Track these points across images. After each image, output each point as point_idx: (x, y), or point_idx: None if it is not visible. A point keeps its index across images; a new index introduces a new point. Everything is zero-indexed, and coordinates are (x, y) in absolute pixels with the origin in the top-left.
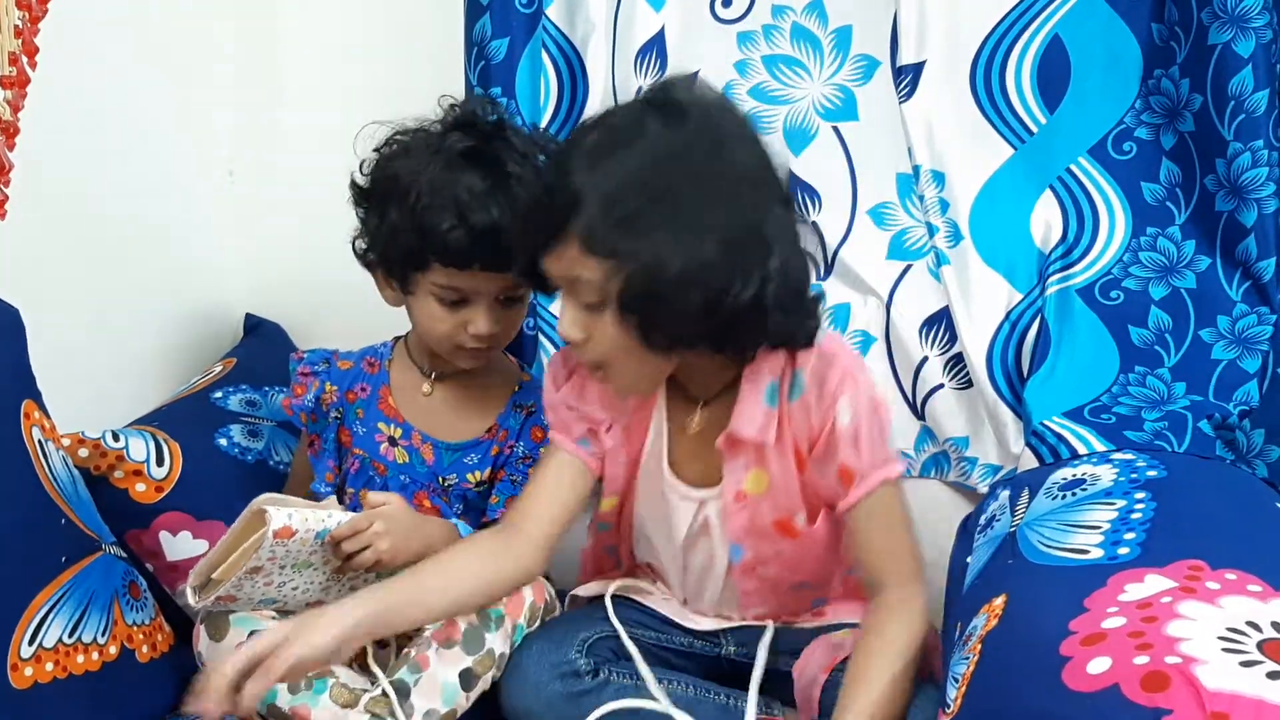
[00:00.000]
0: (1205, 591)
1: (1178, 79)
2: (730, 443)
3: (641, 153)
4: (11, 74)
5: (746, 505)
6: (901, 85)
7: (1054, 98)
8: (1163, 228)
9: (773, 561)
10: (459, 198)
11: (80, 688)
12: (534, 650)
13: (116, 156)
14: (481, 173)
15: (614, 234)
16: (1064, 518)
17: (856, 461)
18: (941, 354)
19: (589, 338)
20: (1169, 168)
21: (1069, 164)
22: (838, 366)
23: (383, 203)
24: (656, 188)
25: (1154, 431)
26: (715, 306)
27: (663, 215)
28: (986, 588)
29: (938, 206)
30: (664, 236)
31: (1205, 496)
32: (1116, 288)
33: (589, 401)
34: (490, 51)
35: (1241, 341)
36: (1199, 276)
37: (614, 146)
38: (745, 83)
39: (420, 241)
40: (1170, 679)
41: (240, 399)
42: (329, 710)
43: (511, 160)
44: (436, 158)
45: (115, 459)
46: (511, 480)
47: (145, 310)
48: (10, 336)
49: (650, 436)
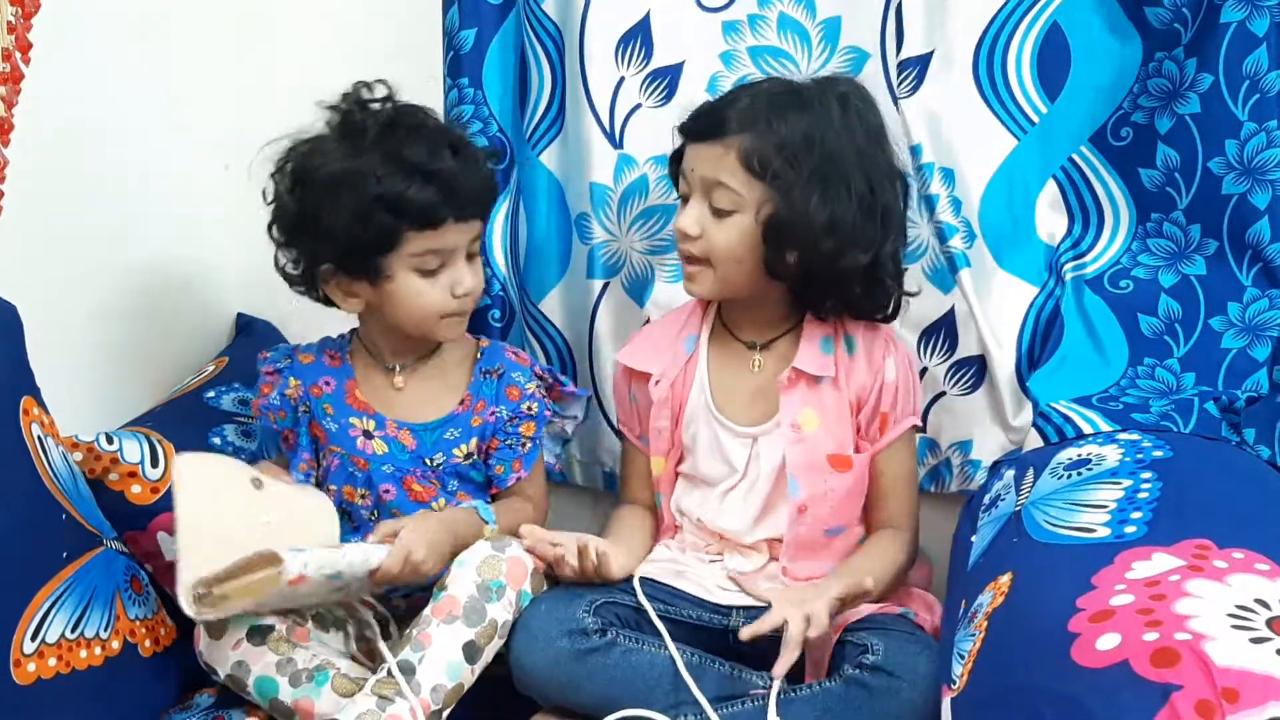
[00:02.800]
0: (1213, 570)
1: (1182, 60)
2: (792, 378)
3: (819, 118)
4: (5, 70)
5: (802, 439)
6: (904, 80)
7: (1054, 86)
8: (1166, 213)
9: (822, 501)
10: (409, 160)
11: (84, 683)
12: (542, 609)
13: (111, 153)
14: (412, 135)
15: (777, 161)
16: (1070, 497)
17: (894, 410)
18: (943, 361)
19: (702, 235)
20: (1165, 152)
21: (1071, 153)
22: (882, 333)
23: (330, 202)
24: (824, 148)
25: (1160, 413)
26: (835, 257)
27: (822, 169)
28: (992, 566)
29: (950, 206)
30: (818, 185)
31: (1211, 477)
32: (1126, 276)
33: (653, 356)
34: (459, 41)
35: (1252, 329)
36: (1208, 261)
37: (799, 105)
38: (730, 75)
39: (390, 215)
40: (1180, 655)
41: (233, 398)
42: (332, 701)
43: (423, 118)
44: (361, 139)
45: (110, 462)
46: (508, 445)
47: (138, 310)
48: (8, 333)
49: (694, 387)
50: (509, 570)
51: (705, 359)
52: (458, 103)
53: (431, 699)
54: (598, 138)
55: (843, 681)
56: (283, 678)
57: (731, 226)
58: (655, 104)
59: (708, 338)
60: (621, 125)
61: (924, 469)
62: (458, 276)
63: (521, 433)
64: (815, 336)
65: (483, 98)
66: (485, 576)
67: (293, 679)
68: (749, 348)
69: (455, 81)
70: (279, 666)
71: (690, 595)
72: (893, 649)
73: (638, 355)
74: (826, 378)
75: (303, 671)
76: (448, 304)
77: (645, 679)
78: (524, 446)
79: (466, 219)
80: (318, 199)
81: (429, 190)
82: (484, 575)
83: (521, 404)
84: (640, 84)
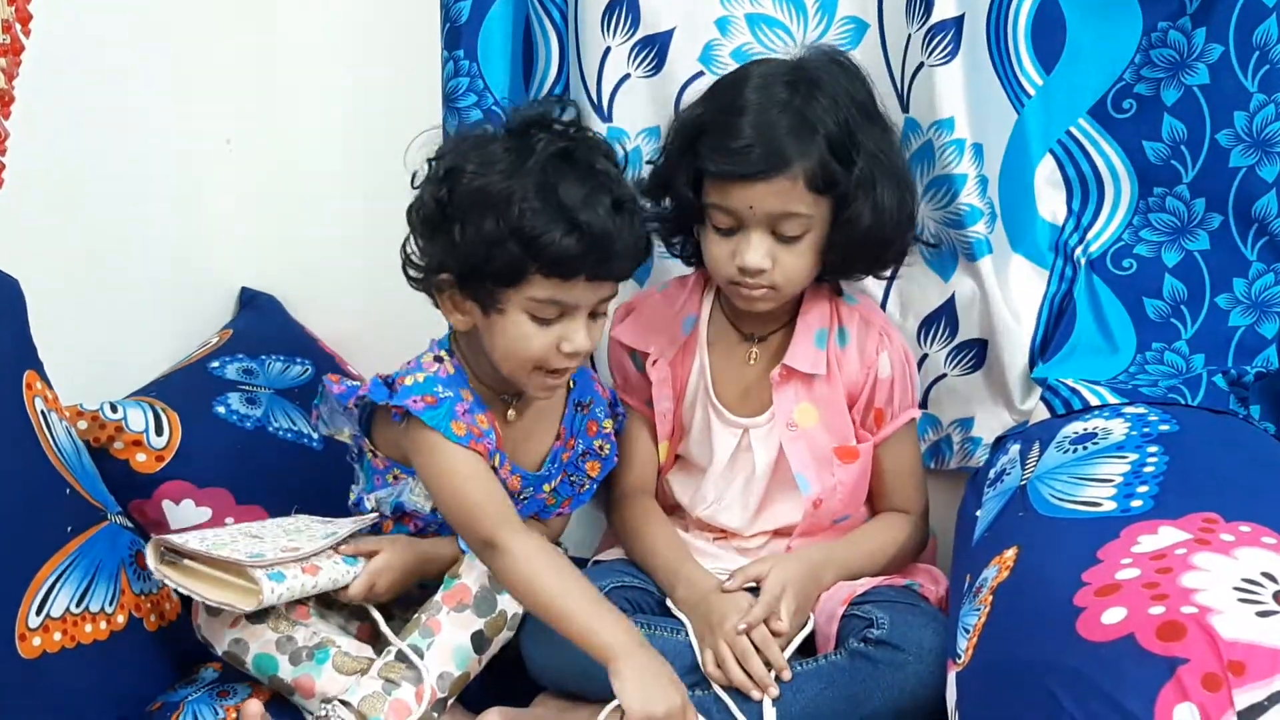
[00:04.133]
0: (1220, 543)
1: (1190, 30)
2: (783, 375)
3: (838, 96)
4: (5, 41)
5: (800, 436)
6: (937, 46)
7: (1049, 56)
8: (1170, 187)
9: (833, 494)
10: (565, 203)
11: (89, 657)
12: None
13: (114, 127)
14: (579, 175)
15: (837, 170)
16: (1075, 471)
17: (890, 405)
18: (944, 347)
19: (774, 266)
20: (1171, 124)
21: (1069, 126)
22: (876, 325)
23: (473, 218)
24: (853, 128)
25: (1168, 386)
26: (897, 238)
27: (870, 159)
28: (997, 540)
29: (977, 187)
30: (869, 174)
31: (1218, 450)
32: (1129, 255)
33: (649, 336)
34: (455, 13)
35: (1258, 305)
36: (1211, 236)
37: (813, 87)
38: (728, 43)
39: (525, 253)
40: (1186, 628)
41: (237, 367)
42: (334, 679)
43: (598, 159)
44: (525, 160)
45: (114, 430)
46: (570, 481)
47: (143, 283)
48: (11, 307)
49: (694, 371)
50: None
51: (704, 342)
52: (453, 75)
53: (437, 686)
54: (587, 111)
55: (847, 654)
56: (282, 655)
57: (805, 250)
58: (645, 73)
59: (707, 320)
60: (610, 97)
61: (925, 444)
62: (569, 332)
63: (587, 471)
64: (810, 331)
65: (478, 70)
66: None
67: (293, 657)
68: (746, 339)
69: (451, 54)
70: (278, 644)
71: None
72: (897, 622)
73: (634, 333)
74: (819, 374)
75: (303, 649)
76: (549, 357)
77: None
78: (583, 488)
79: (601, 279)
80: (458, 208)
81: (570, 239)
82: None
83: (594, 441)
84: (628, 53)
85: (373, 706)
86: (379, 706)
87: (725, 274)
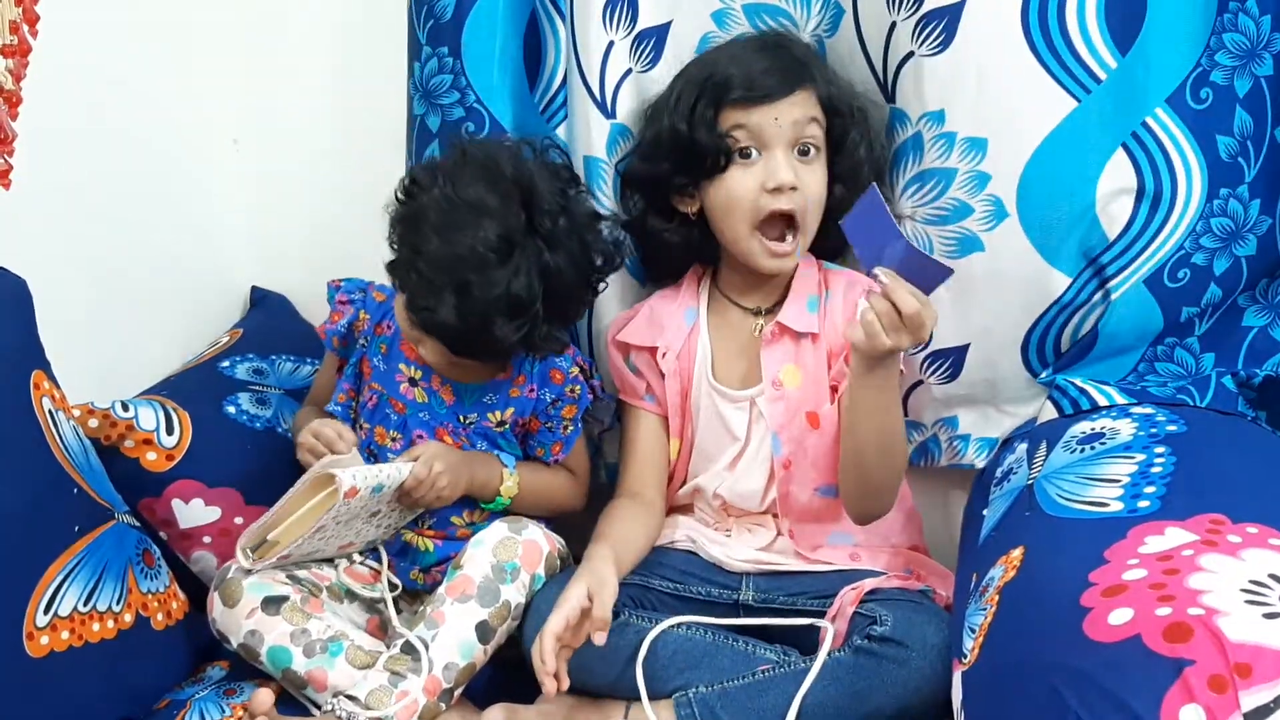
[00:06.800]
0: (1227, 545)
1: (1257, 15)
2: (775, 333)
3: (818, 57)
4: (13, 42)
5: (783, 396)
6: (932, 35)
7: (1126, 36)
8: (1233, 188)
9: (801, 458)
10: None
11: (96, 655)
12: (553, 594)
13: (120, 127)
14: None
15: (838, 100)
16: (1083, 471)
17: None
18: (916, 352)
19: (799, 186)
20: (1242, 117)
21: (1145, 116)
22: (861, 282)
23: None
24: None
25: (1176, 387)
26: (879, 177)
27: (855, 108)
28: (1003, 539)
29: (973, 182)
30: (865, 121)
31: (1225, 451)
32: (1186, 265)
33: (656, 332)
34: (438, 10)
35: (1274, 307)
36: (1259, 240)
37: (800, 45)
38: (723, 35)
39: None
40: (1193, 630)
41: (248, 367)
42: (346, 672)
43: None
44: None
45: (125, 429)
46: (549, 428)
47: (151, 283)
48: (18, 307)
49: (698, 360)
50: (524, 553)
51: (705, 329)
52: (436, 72)
53: (443, 677)
54: (591, 108)
55: (851, 651)
56: (297, 648)
57: (819, 168)
58: (644, 68)
59: (706, 308)
60: (613, 93)
61: (911, 446)
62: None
63: (563, 415)
64: (802, 297)
65: (461, 67)
66: (500, 558)
67: (306, 649)
68: (754, 314)
69: (435, 50)
70: (293, 636)
71: (698, 572)
72: (901, 619)
73: (638, 332)
74: (808, 334)
75: (317, 642)
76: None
77: (659, 657)
78: (565, 429)
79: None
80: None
81: (444, 306)
82: (499, 556)
83: (565, 387)
84: (630, 47)
85: (379, 699)
86: (386, 699)
87: (753, 208)
